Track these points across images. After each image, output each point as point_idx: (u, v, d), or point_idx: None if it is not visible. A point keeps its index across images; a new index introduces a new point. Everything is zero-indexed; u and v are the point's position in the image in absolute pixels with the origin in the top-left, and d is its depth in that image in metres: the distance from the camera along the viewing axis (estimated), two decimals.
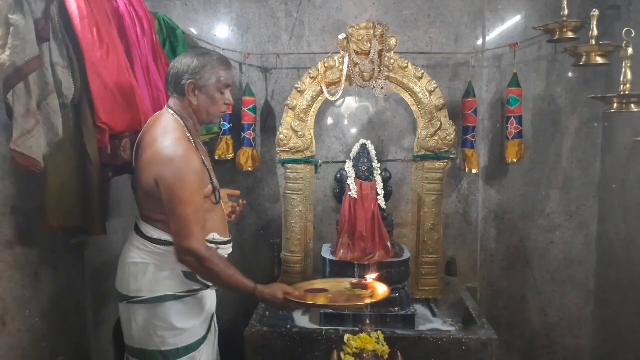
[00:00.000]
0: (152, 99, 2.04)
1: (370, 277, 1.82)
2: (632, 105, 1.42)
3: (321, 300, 1.74)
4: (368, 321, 1.94)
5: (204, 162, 1.66)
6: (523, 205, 2.72)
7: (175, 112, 1.68)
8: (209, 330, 1.80)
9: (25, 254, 1.81)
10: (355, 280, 1.83)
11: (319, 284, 1.91)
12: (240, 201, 1.95)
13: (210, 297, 1.82)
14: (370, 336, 1.84)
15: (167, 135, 1.60)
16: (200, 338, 1.75)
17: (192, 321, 1.72)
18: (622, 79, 1.40)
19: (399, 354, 1.85)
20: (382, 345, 1.84)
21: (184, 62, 1.65)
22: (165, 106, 1.72)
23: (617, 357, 2.49)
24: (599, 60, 1.48)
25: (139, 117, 1.85)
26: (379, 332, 1.87)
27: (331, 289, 1.82)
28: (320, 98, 2.35)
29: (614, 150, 2.53)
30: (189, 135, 1.66)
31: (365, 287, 1.78)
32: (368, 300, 1.75)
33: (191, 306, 1.72)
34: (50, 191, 1.66)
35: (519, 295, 2.77)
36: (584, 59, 1.51)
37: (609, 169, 2.57)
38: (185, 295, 1.70)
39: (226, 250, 1.80)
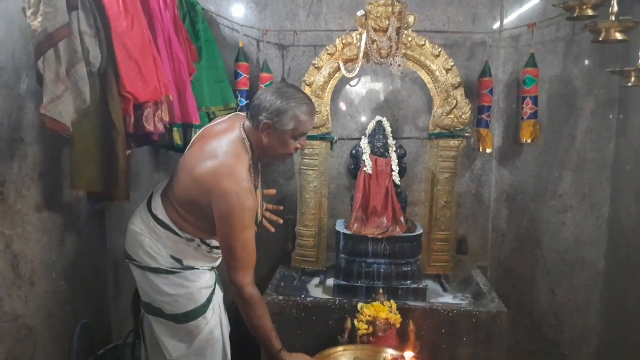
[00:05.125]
0: (173, 72, 2.08)
1: (408, 356, 1.67)
2: None
3: None
4: (381, 291, 2.00)
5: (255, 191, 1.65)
6: (535, 186, 2.74)
7: (247, 136, 1.64)
8: (210, 300, 1.80)
9: (52, 218, 1.88)
10: (390, 357, 1.68)
11: (347, 352, 1.76)
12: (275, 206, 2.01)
13: (205, 274, 1.81)
14: (383, 305, 1.90)
15: (232, 164, 1.56)
16: (199, 306, 1.75)
17: (186, 290, 1.73)
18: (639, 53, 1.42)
19: (411, 322, 1.91)
20: (395, 313, 1.90)
21: (268, 98, 1.58)
22: (242, 122, 1.68)
23: (624, 337, 2.53)
24: (618, 36, 1.49)
25: (160, 88, 1.89)
26: (392, 301, 1.93)
27: None
28: (336, 75, 2.38)
29: (629, 133, 2.53)
30: (250, 166, 1.63)
31: None
32: None
33: (184, 277, 1.73)
34: (75, 157, 1.72)
35: (528, 274, 2.81)
36: (602, 35, 1.52)
37: (623, 151, 2.58)
38: (177, 271, 1.73)
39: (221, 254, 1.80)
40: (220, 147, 1.61)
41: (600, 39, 1.53)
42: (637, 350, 2.39)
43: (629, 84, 1.45)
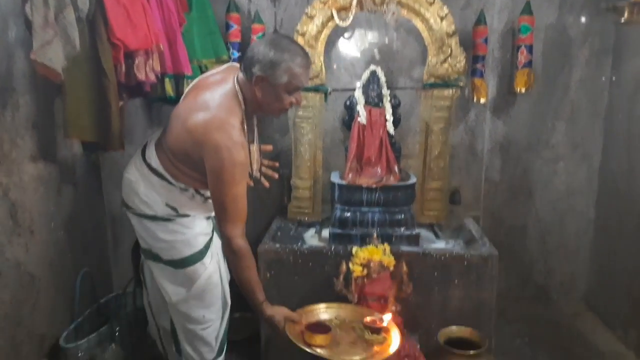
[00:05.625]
0: (163, 21, 2.04)
1: (386, 319, 1.64)
2: None
3: (319, 341, 1.52)
4: (375, 235, 2.04)
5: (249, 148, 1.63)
6: (529, 136, 2.76)
7: (241, 89, 1.60)
8: (208, 247, 1.82)
9: (48, 169, 1.90)
10: (369, 319, 1.63)
11: (329, 310, 1.73)
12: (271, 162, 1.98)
13: (202, 221, 1.82)
14: (377, 248, 1.95)
15: (224, 117, 1.54)
16: (197, 252, 1.76)
17: (183, 236, 1.75)
18: None
19: (404, 264, 1.96)
20: (388, 256, 1.95)
21: (261, 50, 1.53)
22: (236, 75, 1.64)
23: (611, 282, 2.61)
24: None
25: (150, 37, 1.87)
26: (386, 245, 1.97)
27: (339, 325, 1.66)
28: (330, 24, 2.35)
29: (622, 81, 2.53)
30: (244, 120, 1.60)
31: (378, 330, 1.59)
32: (370, 358, 1.51)
33: (180, 224, 1.75)
34: (68, 105, 1.72)
35: (520, 224, 2.87)
36: None
37: (616, 99, 2.59)
38: (173, 219, 1.75)
39: None
40: (213, 100, 1.59)
41: None
42: (623, 294, 2.48)
43: (622, 20, 1.45)
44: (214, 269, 1.85)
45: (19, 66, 1.71)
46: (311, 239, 2.44)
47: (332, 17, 2.31)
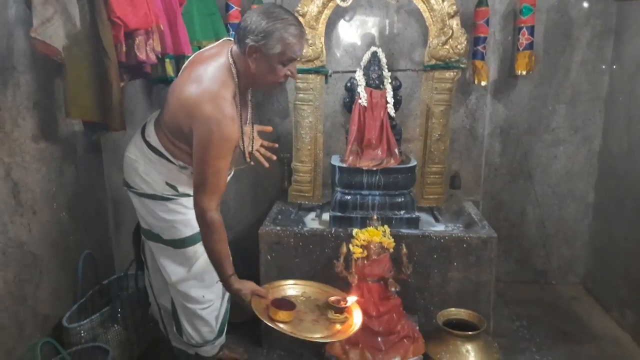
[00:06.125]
0: (163, 0, 2.03)
1: (351, 300, 1.64)
2: None
3: (282, 317, 1.53)
4: (375, 216, 2.05)
5: (242, 122, 1.61)
6: (529, 119, 2.76)
7: (234, 62, 1.58)
8: None
9: (49, 149, 1.90)
10: (333, 299, 1.63)
11: (297, 287, 1.74)
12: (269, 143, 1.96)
13: None
14: (377, 230, 1.96)
15: (215, 90, 1.52)
16: (197, 233, 1.74)
17: (183, 216, 1.75)
18: None
19: (404, 246, 1.98)
20: (388, 238, 1.96)
21: (254, 19, 1.49)
22: (230, 48, 1.61)
23: (609, 265, 2.63)
24: None
25: (151, 16, 1.86)
26: (386, 226, 1.99)
27: (305, 300, 1.67)
28: (330, 4, 2.33)
29: (623, 63, 2.52)
30: (237, 94, 1.58)
31: (341, 310, 1.59)
32: (332, 334, 1.53)
33: (180, 204, 1.76)
34: (69, 85, 1.71)
35: (519, 208, 2.88)
36: None
37: (617, 82, 2.58)
38: (173, 198, 1.76)
39: None
40: (206, 73, 1.57)
41: None
42: (621, 277, 2.50)
43: None
44: None
45: (20, 45, 1.70)
46: (312, 222, 2.45)
47: None
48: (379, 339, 1.95)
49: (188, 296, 1.86)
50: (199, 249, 1.81)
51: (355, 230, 1.99)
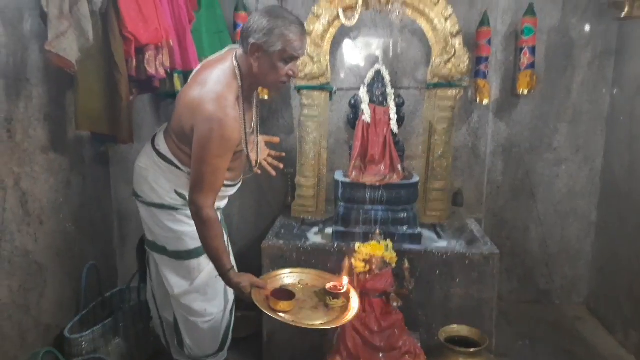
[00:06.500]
0: (173, 17, 2.10)
1: (345, 281, 1.66)
2: None
3: (283, 307, 1.55)
4: (378, 231, 2.06)
5: (245, 127, 1.64)
6: (531, 138, 2.78)
7: (239, 65, 1.61)
8: None
9: (58, 160, 1.93)
10: (330, 285, 1.65)
11: (293, 275, 1.76)
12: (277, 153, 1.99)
13: None
14: (379, 244, 1.97)
15: (219, 91, 1.55)
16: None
17: (190, 228, 1.74)
18: None
19: (406, 261, 1.98)
20: (391, 252, 1.97)
21: (256, 19, 1.54)
22: (235, 52, 1.65)
23: (613, 285, 2.62)
24: None
25: (161, 31, 1.92)
26: (388, 241, 1.99)
27: (302, 287, 1.70)
28: (336, 23, 2.38)
29: (624, 83, 2.56)
30: (240, 96, 1.61)
31: (338, 296, 1.62)
32: (333, 319, 1.55)
33: (188, 216, 1.73)
34: (80, 97, 1.76)
35: (522, 226, 2.88)
36: None
37: (618, 102, 2.62)
38: (181, 208, 1.77)
39: (227, 192, 1.86)
40: (211, 76, 1.61)
41: None
42: (624, 297, 2.48)
43: (622, 15, 1.47)
44: None
45: (34, 58, 1.75)
46: (315, 237, 2.46)
47: (338, 16, 2.35)
48: (381, 355, 1.94)
49: (190, 309, 1.87)
50: (202, 261, 1.82)
51: (357, 245, 1.99)
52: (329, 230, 2.47)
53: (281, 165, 2.03)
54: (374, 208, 2.31)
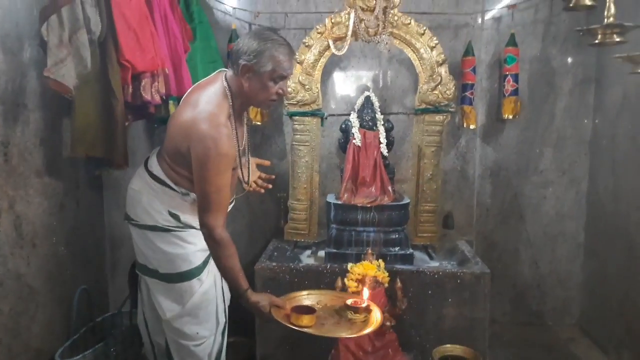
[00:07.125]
0: (169, 46, 2.17)
1: (365, 293, 1.70)
2: (615, 36, 1.54)
3: (306, 321, 1.55)
4: (370, 251, 2.09)
5: (238, 144, 1.69)
6: (518, 162, 2.86)
7: (228, 85, 1.66)
8: (206, 263, 1.83)
9: (52, 184, 1.96)
10: (350, 300, 1.67)
11: (311, 296, 1.78)
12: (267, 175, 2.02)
13: (202, 238, 1.80)
14: (371, 264, 1.99)
15: (211, 110, 1.59)
16: (194, 268, 1.78)
17: (182, 250, 1.77)
18: (605, 12, 1.54)
19: (398, 280, 2.00)
20: (383, 272, 1.99)
21: (245, 41, 1.60)
22: (225, 74, 1.70)
23: (604, 305, 2.64)
24: (587, 1, 1.61)
25: (157, 60, 1.98)
26: (380, 261, 2.02)
27: (322, 307, 1.71)
28: (327, 53, 2.48)
29: (604, 109, 2.66)
30: (231, 114, 1.65)
31: (359, 310, 1.64)
32: (357, 331, 1.58)
33: (180, 238, 1.77)
34: (76, 122, 1.80)
35: (512, 248, 2.92)
36: (573, 1, 1.64)
37: (600, 127, 2.71)
38: (174, 230, 1.78)
39: None
40: (202, 97, 1.65)
41: (571, 5, 1.64)
42: (616, 318, 2.50)
43: (596, 41, 1.56)
44: (209, 285, 1.86)
45: (32, 85, 1.80)
46: (307, 259, 2.48)
47: (328, 46, 2.44)
48: None
49: (182, 332, 1.85)
50: (195, 284, 1.82)
51: (350, 265, 2.02)
52: (321, 253, 2.49)
53: (270, 186, 2.06)
54: (365, 229, 2.35)
